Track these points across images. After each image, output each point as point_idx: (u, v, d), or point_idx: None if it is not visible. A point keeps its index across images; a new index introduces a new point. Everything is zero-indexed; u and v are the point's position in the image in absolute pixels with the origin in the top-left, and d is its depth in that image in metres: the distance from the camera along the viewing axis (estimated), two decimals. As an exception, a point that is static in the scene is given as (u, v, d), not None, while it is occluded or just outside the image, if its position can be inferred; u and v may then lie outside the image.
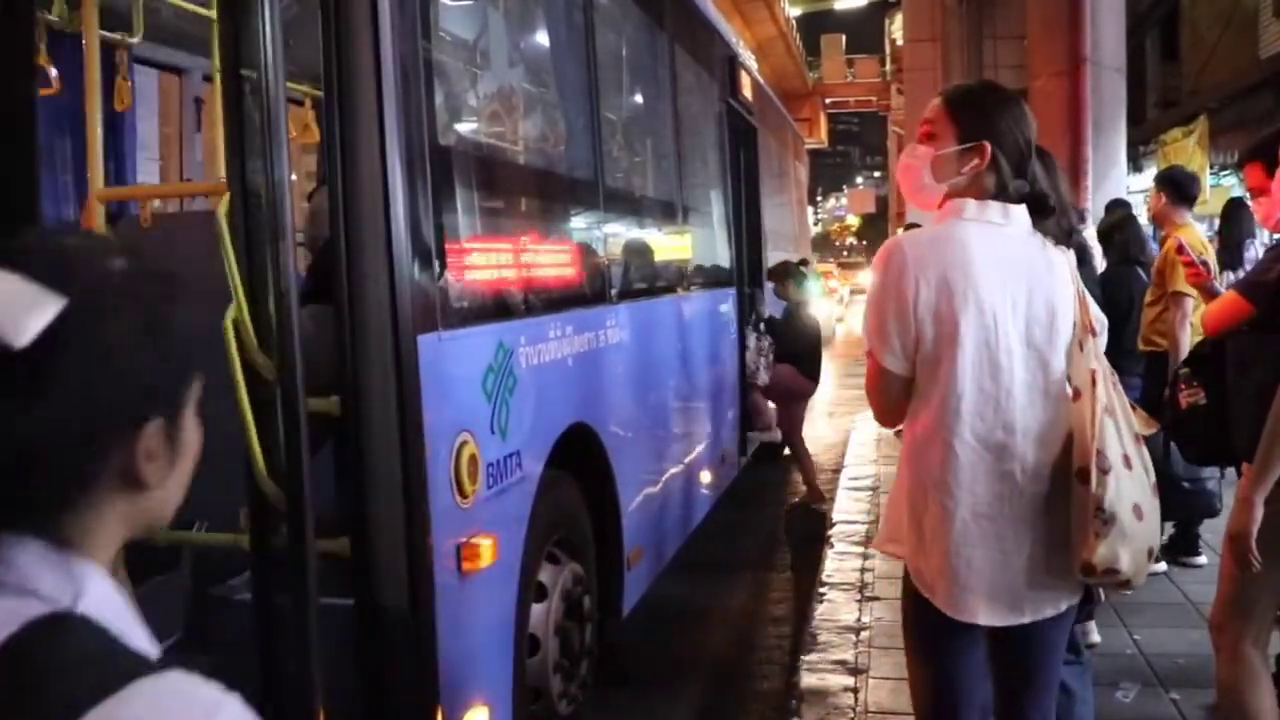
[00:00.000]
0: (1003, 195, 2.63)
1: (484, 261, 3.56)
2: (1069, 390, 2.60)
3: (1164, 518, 6.06)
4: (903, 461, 2.75)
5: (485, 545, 3.22)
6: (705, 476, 6.77)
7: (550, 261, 4.27)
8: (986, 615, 2.60)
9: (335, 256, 2.92)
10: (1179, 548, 6.42)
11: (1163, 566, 6.23)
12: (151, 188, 4.56)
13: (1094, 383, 2.55)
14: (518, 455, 3.60)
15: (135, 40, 4.63)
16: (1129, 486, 2.53)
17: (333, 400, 3.01)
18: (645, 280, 5.82)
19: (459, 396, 3.23)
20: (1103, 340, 2.74)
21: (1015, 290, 2.55)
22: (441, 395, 3.07)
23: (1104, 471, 2.50)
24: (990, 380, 2.54)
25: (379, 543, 2.96)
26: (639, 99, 6.41)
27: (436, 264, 3.11)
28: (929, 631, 2.72)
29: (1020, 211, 2.64)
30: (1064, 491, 2.58)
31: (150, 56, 6.75)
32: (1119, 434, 2.56)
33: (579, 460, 4.38)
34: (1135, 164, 19.78)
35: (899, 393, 2.67)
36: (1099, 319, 2.70)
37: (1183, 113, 19.56)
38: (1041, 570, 2.60)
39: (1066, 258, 2.68)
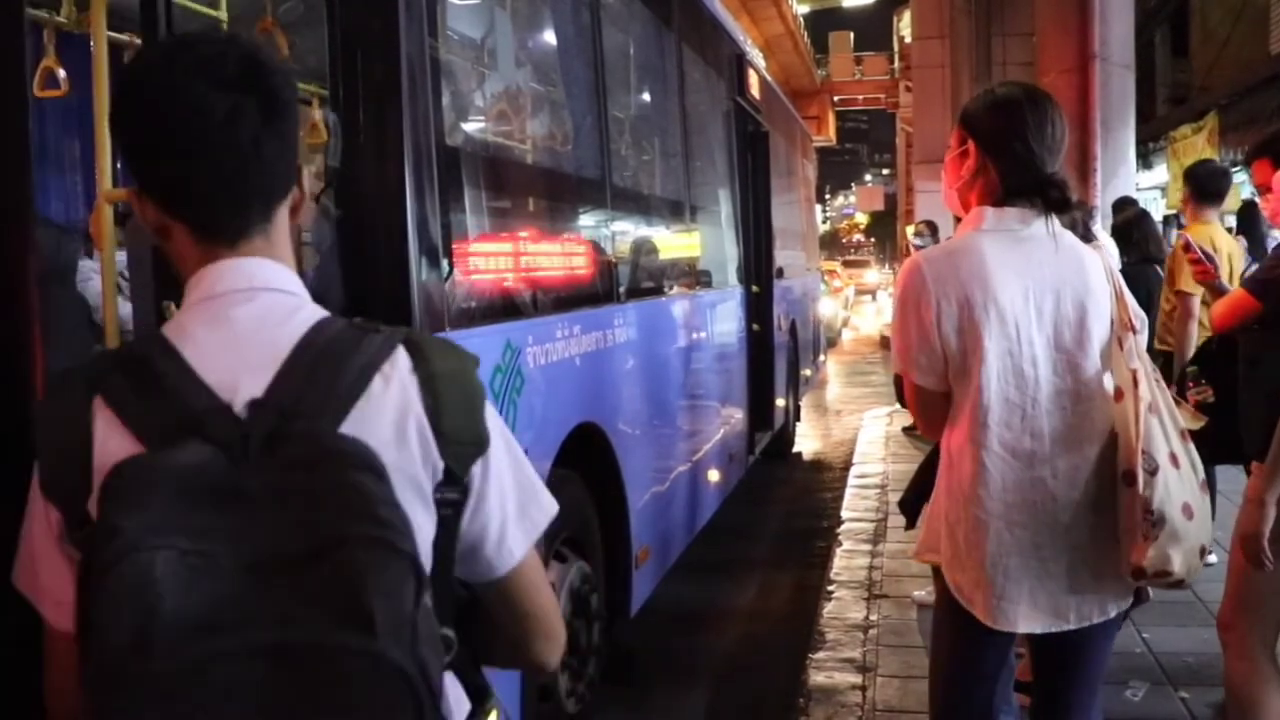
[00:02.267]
0: (1012, 194, 2.61)
1: (491, 261, 3.57)
2: (1109, 389, 2.58)
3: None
4: (941, 473, 2.75)
5: (493, 545, 3.23)
6: (713, 475, 6.77)
7: (558, 261, 4.28)
8: (1027, 624, 2.59)
9: (341, 257, 2.93)
10: None
11: None
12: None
13: (1135, 382, 2.52)
14: (525, 455, 3.59)
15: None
16: (1177, 485, 2.50)
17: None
18: (653, 279, 5.81)
19: (466, 396, 3.23)
20: (1143, 337, 2.71)
21: (1040, 296, 2.55)
22: (447, 395, 3.07)
23: (1151, 472, 2.47)
24: (1015, 390, 2.54)
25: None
26: (646, 98, 6.40)
27: (444, 264, 3.10)
28: (964, 639, 2.70)
29: (1041, 214, 2.61)
30: (1104, 494, 2.56)
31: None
32: (1165, 432, 2.52)
33: (587, 459, 4.38)
34: (1145, 161, 19.75)
35: (939, 406, 2.68)
36: (1139, 315, 2.66)
37: (1192, 109, 19.54)
38: (1086, 576, 2.58)
39: (1101, 255, 2.65)
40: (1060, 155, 2.62)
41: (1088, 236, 3.27)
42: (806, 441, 12.43)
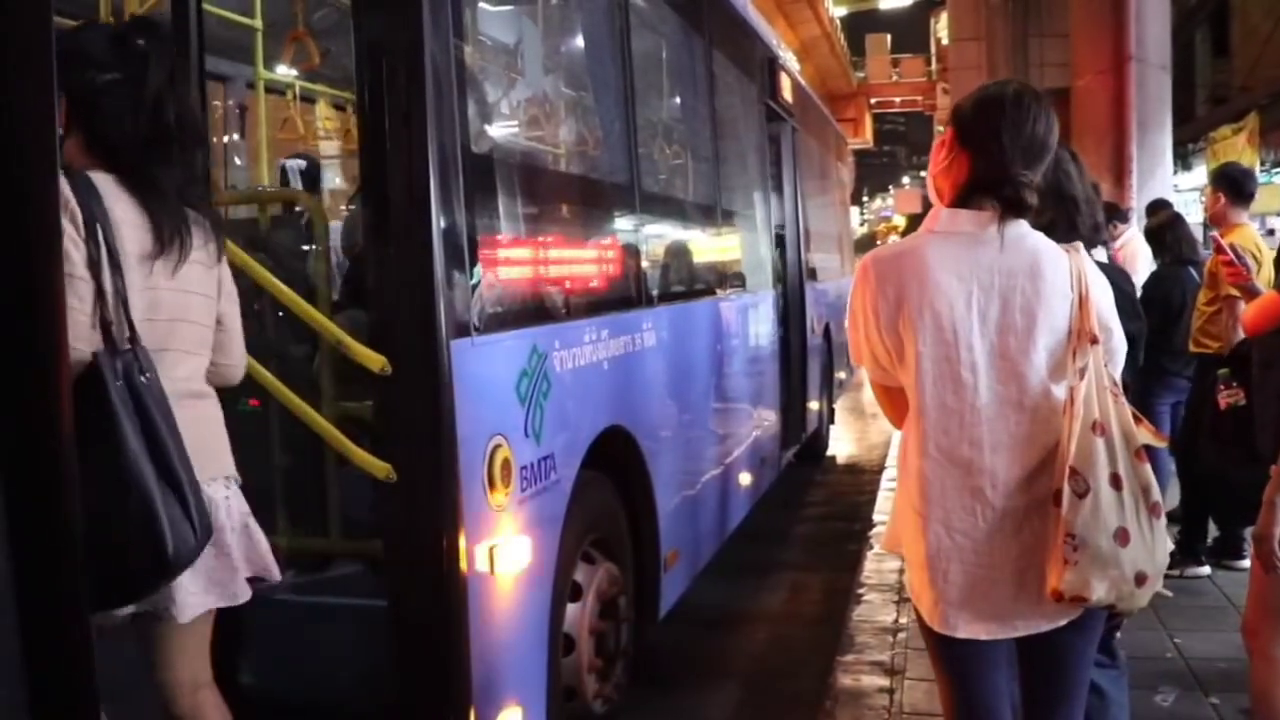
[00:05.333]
0: (975, 189, 2.55)
1: (518, 266, 3.60)
2: (1059, 401, 2.49)
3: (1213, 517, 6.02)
4: (898, 468, 2.73)
5: (518, 547, 3.26)
6: (744, 479, 6.78)
7: (586, 266, 4.30)
8: (968, 629, 2.54)
9: (370, 262, 2.97)
10: (1223, 550, 6.38)
11: (1206, 570, 6.24)
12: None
13: (1072, 399, 2.45)
14: (552, 458, 3.62)
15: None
16: (1112, 509, 2.41)
17: (366, 404, 3.07)
18: (683, 283, 5.83)
19: (492, 400, 3.26)
20: (1118, 348, 2.64)
21: (985, 302, 2.48)
22: (474, 399, 3.11)
23: (1079, 495, 2.39)
24: (952, 395, 2.49)
25: (412, 545, 3.01)
26: (676, 101, 6.42)
27: (470, 269, 3.14)
28: (932, 641, 2.66)
29: (995, 216, 2.53)
30: (1047, 506, 2.48)
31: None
32: (1110, 451, 2.43)
33: (616, 462, 4.41)
34: (1184, 162, 19.59)
35: (897, 398, 2.66)
36: (1105, 326, 2.55)
37: (1233, 109, 19.34)
38: (1034, 584, 2.48)
39: (1072, 259, 2.55)
40: (1040, 157, 2.55)
41: (1096, 234, 3.27)
42: (840, 444, 12.42)
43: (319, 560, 3.57)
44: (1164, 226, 6.90)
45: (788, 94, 9.40)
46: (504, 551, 3.18)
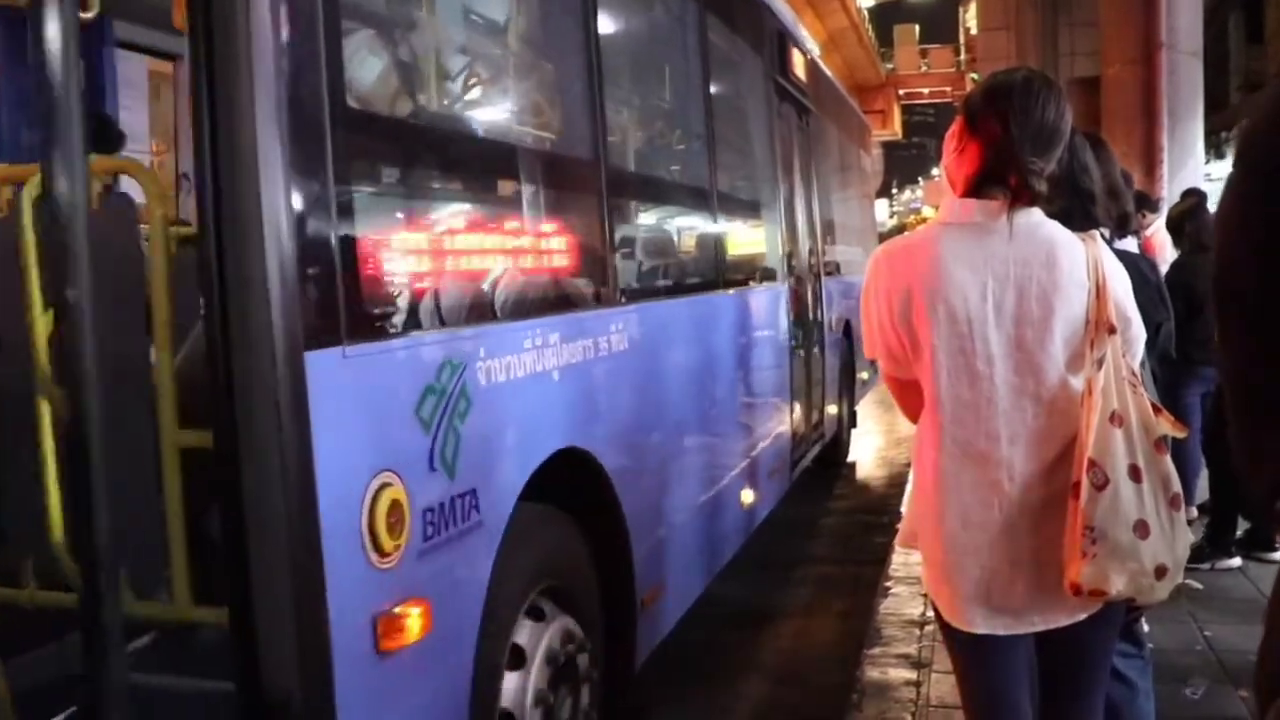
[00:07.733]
0: (984, 178, 2.51)
1: (417, 256, 2.84)
2: (1078, 392, 2.46)
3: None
4: (912, 462, 2.75)
5: (414, 614, 2.54)
6: (745, 497, 6.02)
7: (527, 256, 3.55)
8: (985, 624, 2.52)
9: (205, 254, 2.26)
10: (1253, 542, 6.35)
11: (1236, 562, 6.29)
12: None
13: (1090, 390, 2.43)
14: (473, 495, 2.89)
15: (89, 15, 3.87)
16: (1131, 501, 2.39)
17: (207, 434, 2.36)
18: (668, 277, 5.13)
19: (377, 427, 2.53)
20: (1137, 337, 2.62)
21: (1000, 292, 2.45)
22: (347, 427, 2.39)
23: (1098, 487, 2.37)
24: (968, 388, 2.47)
25: (264, 614, 2.30)
26: (658, 68, 5.67)
27: (339, 261, 2.41)
28: (950, 636, 2.65)
29: (1005, 205, 2.49)
30: (1066, 499, 2.44)
31: (139, 40, 6.19)
32: (1129, 443, 2.41)
33: (576, 491, 3.71)
34: (1217, 151, 19.09)
35: (912, 392, 2.63)
36: (1123, 315, 2.52)
37: (1267, 97, 18.70)
38: (1053, 577, 2.45)
39: (1089, 247, 2.50)
40: (1052, 144, 2.49)
41: (1125, 223, 3.41)
42: (867, 436, 12.25)
43: (179, 629, 2.86)
44: (1184, 215, 6.87)
45: (800, 71, 8.71)
46: (392, 621, 2.48)
